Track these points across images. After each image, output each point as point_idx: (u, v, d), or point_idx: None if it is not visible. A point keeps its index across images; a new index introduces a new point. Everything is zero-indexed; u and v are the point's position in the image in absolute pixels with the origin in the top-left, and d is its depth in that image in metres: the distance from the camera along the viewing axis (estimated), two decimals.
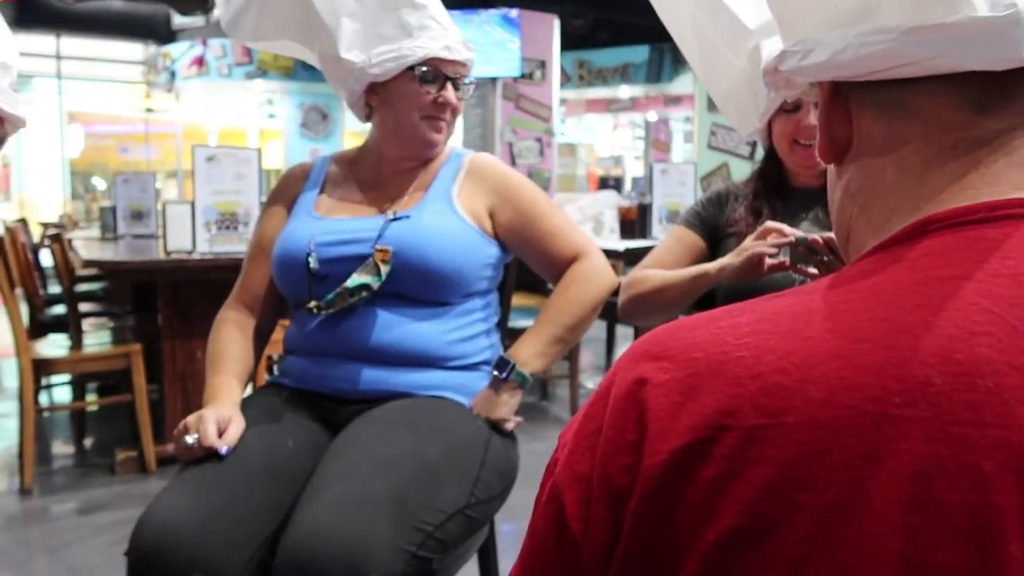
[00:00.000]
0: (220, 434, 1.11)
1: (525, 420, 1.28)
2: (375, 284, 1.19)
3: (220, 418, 1.12)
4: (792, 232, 1.15)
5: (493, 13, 6.07)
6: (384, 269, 1.19)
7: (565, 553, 0.43)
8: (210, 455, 1.09)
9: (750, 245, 1.19)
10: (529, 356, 1.24)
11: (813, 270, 1.14)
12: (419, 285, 1.21)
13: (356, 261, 1.21)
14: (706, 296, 1.33)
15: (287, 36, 1.36)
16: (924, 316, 0.37)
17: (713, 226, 1.45)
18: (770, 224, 1.18)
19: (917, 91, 0.43)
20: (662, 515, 0.38)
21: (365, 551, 0.93)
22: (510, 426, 1.23)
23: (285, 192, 1.37)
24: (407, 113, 1.27)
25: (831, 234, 1.11)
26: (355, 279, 1.20)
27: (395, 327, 1.21)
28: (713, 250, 1.45)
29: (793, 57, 0.47)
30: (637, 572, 0.39)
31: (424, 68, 1.25)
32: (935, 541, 0.34)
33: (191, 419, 1.12)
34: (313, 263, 1.23)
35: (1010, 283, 0.37)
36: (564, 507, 0.43)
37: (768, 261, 1.16)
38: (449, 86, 1.28)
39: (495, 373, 1.23)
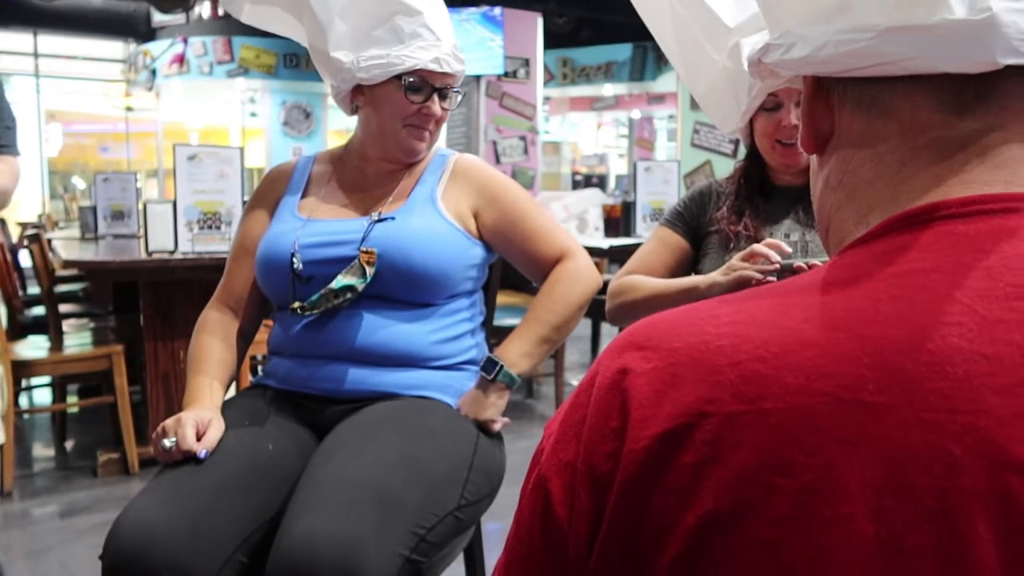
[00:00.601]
0: (199, 437, 1.10)
1: (511, 419, 1.28)
2: (360, 286, 1.19)
3: (199, 421, 1.12)
4: (779, 259, 1.17)
5: (474, 11, 6.07)
6: (369, 271, 1.19)
7: (550, 539, 0.44)
8: (189, 458, 1.08)
9: (738, 266, 1.21)
10: (516, 357, 1.24)
11: None
12: (403, 287, 1.21)
13: (341, 263, 1.21)
14: None
15: (281, 6, 1.35)
16: (898, 307, 0.38)
17: (696, 226, 1.46)
18: (757, 248, 1.20)
19: (895, 91, 0.43)
20: (643, 499, 0.39)
21: (359, 557, 0.92)
22: (497, 427, 1.23)
23: (268, 192, 1.36)
24: (391, 120, 1.27)
25: (816, 260, 1.13)
26: (340, 280, 1.19)
27: (380, 328, 1.21)
28: (696, 249, 1.46)
29: (776, 50, 0.48)
30: (618, 555, 0.40)
31: (411, 78, 1.24)
32: (908, 523, 0.35)
33: (170, 422, 1.11)
34: (297, 264, 1.22)
35: (981, 276, 0.38)
36: (550, 494, 0.43)
37: (755, 281, 1.19)
38: (435, 97, 1.27)
39: (483, 375, 1.23)
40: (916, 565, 0.34)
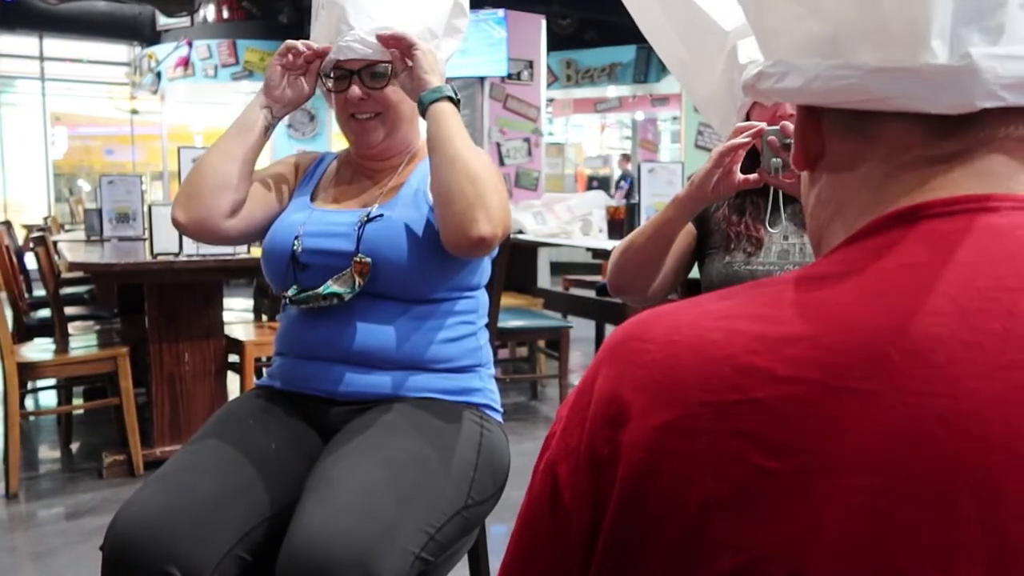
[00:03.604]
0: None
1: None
2: (347, 296, 1.20)
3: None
4: (763, 126, 1.17)
5: (491, 12, 6.06)
6: (359, 281, 1.19)
7: (558, 519, 0.46)
8: (191, 451, 1.11)
9: (717, 150, 1.21)
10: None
11: (790, 181, 1.16)
12: (396, 285, 1.21)
13: (333, 255, 1.22)
14: (694, 287, 1.35)
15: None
16: (884, 299, 0.41)
17: (703, 217, 1.44)
18: (741, 124, 1.21)
19: (882, 121, 0.46)
20: (645, 485, 0.42)
21: (375, 554, 0.94)
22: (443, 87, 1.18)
23: (295, 167, 1.40)
24: (339, 119, 1.30)
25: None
26: (328, 287, 1.20)
27: (381, 330, 1.21)
28: (699, 241, 1.45)
29: (769, 79, 0.50)
30: (622, 538, 0.43)
31: (331, 72, 1.27)
32: (895, 501, 0.37)
33: (287, 43, 1.26)
34: (298, 247, 1.24)
35: (963, 269, 0.41)
36: (558, 477, 0.46)
37: (739, 177, 1.19)
38: (356, 79, 1.25)
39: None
40: (905, 540, 0.37)
